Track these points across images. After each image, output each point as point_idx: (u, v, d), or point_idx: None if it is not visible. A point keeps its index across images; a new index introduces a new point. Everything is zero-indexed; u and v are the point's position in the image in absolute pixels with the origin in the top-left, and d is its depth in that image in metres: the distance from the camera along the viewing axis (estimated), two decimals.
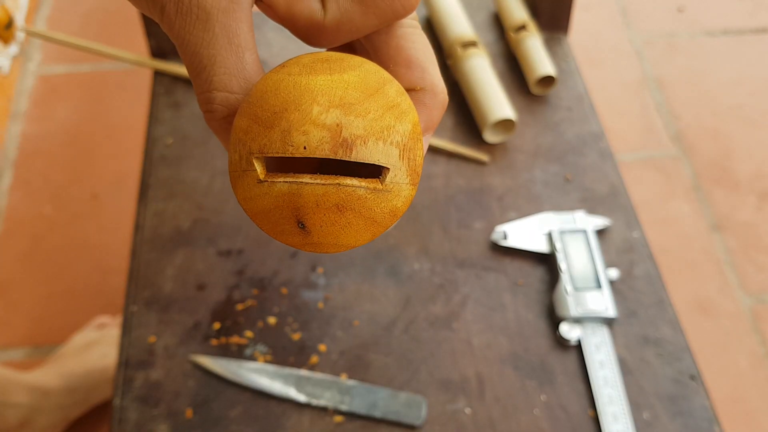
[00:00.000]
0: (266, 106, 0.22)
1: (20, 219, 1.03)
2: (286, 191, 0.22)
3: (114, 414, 0.48)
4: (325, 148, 0.21)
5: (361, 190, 0.22)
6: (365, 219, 0.23)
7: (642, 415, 0.48)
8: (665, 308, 0.53)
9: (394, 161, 0.22)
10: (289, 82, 0.22)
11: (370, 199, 0.22)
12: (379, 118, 0.22)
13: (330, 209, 0.22)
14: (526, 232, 0.55)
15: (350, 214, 0.22)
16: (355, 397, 0.48)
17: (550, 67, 0.63)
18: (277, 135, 0.22)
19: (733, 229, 1.03)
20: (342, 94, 0.22)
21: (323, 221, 0.22)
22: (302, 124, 0.22)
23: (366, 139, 0.22)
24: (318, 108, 0.22)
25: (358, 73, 0.23)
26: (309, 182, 0.22)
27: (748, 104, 1.17)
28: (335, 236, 0.23)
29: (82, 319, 0.91)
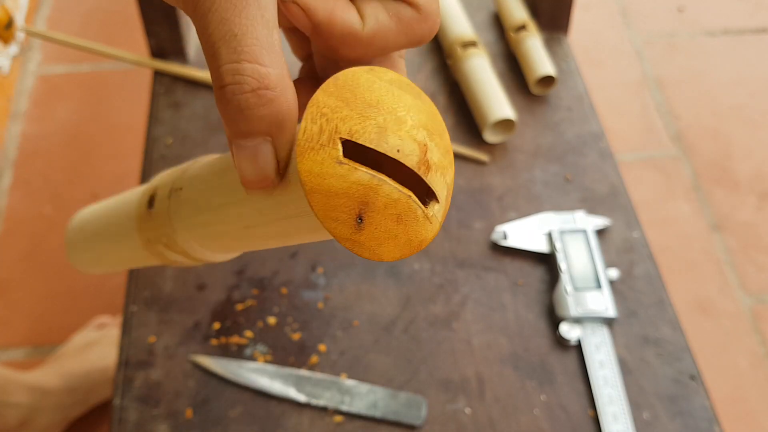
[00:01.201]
0: (360, 95, 0.23)
1: (20, 219, 1.03)
2: (365, 182, 0.22)
3: (114, 414, 0.48)
4: (413, 159, 0.23)
5: (420, 212, 0.23)
6: (407, 239, 0.23)
7: (642, 415, 0.48)
8: (665, 308, 0.53)
9: (443, 197, 0.24)
10: (383, 86, 0.24)
11: (420, 222, 0.24)
12: (444, 156, 0.24)
13: (392, 216, 0.23)
14: (526, 232, 0.55)
15: (402, 228, 0.23)
16: (355, 397, 0.48)
17: (550, 67, 0.63)
18: (372, 127, 0.22)
19: (733, 229, 1.03)
20: (425, 119, 0.24)
21: (380, 224, 0.23)
22: (399, 129, 0.23)
23: (437, 168, 0.24)
24: (411, 122, 0.23)
25: (430, 108, 0.25)
26: (389, 183, 0.22)
27: (748, 104, 1.17)
28: (379, 243, 0.23)
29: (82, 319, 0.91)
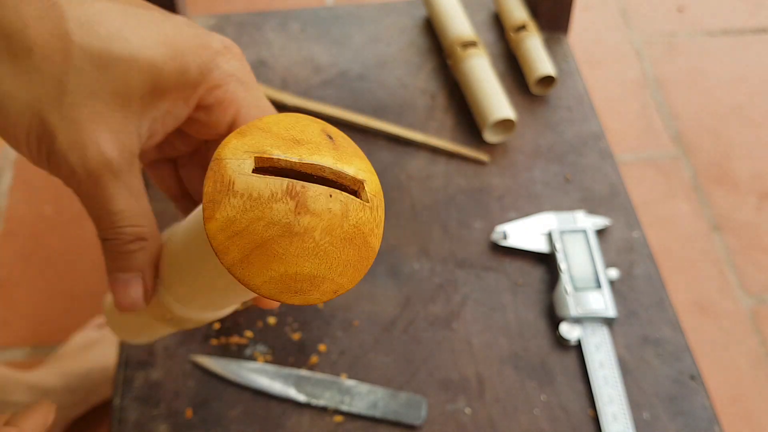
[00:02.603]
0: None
1: (20, 219, 1.03)
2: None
3: (114, 414, 0.48)
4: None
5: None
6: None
7: (642, 415, 0.48)
8: (665, 308, 0.53)
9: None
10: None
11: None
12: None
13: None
14: (526, 232, 0.55)
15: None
16: (355, 397, 0.48)
17: (550, 67, 0.63)
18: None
19: (733, 229, 1.03)
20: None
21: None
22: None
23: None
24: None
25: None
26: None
27: (748, 104, 1.17)
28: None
29: (82, 319, 0.91)
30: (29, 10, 0.26)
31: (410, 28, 0.71)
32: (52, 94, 0.27)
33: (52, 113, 0.27)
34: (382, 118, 0.63)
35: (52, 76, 0.27)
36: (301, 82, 0.66)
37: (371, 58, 0.68)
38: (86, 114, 0.27)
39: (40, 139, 0.27)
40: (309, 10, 0.73)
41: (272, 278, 0.23)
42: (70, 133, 0.27)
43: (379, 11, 0.73)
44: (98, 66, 0.27)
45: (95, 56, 0.27)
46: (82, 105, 0.27)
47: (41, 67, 0.27)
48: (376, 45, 0.69)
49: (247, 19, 0.71)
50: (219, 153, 0.23)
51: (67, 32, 0.26)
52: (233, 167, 0.23)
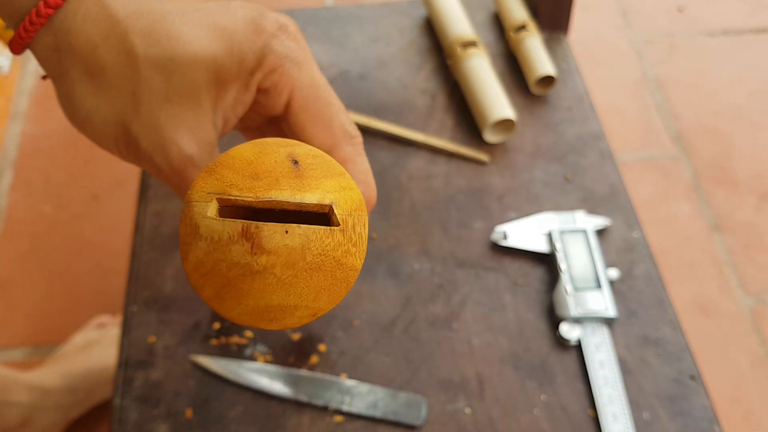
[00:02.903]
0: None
1: (20, 219, 1.03)
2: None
3: (114, 414, 0.48)
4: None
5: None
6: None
7: (642, 415, 0.48)
8: (665, 308, 0.53)
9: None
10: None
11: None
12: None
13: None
14: (526, 232, 0.55)
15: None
16: (355, 397, 0.48)
17: (550, 67, 0.63)
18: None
19: (733, 229, 1.03)
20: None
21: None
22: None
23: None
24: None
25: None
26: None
27: (748, 104, 1.17)
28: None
29: (82, 319, 0.91)
30: (96, 31, 0.28)
31: (410, 28, 0.71)
32: (130, 106, 0.29)
33: (133, 123, 0.29)
34: (382, 118, 0.63)
35: (126, 90, 0.29)
36: None
37: (371, 58, 0.68)
38: (162, 119, 0.30)
39: (127, 145, 0.30)
40: (309, 10, 0.73)
41: (245, 311, 0.24)
42: (151, 138, 0.30)
43: (379, 11, 0.73)
44: (165, 74, 0.29)
45: (160, 65, 0.29)
46: (157, 111, 0.29)
47: (115, 83, 0.29)
48: (376, 45, 0.69)
49: None
50: (189, 194, 0.25)
51: (132, 47, 0.28)
52: (198, 211, 0.24)
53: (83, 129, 0.30)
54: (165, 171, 0.31)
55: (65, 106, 0.30)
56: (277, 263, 0.23)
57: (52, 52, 0.29)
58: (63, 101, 0.30)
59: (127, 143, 0.30)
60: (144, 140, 0.30)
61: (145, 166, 0.31)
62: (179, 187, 0.31)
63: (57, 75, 0.30)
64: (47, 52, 0.29)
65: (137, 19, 0.29)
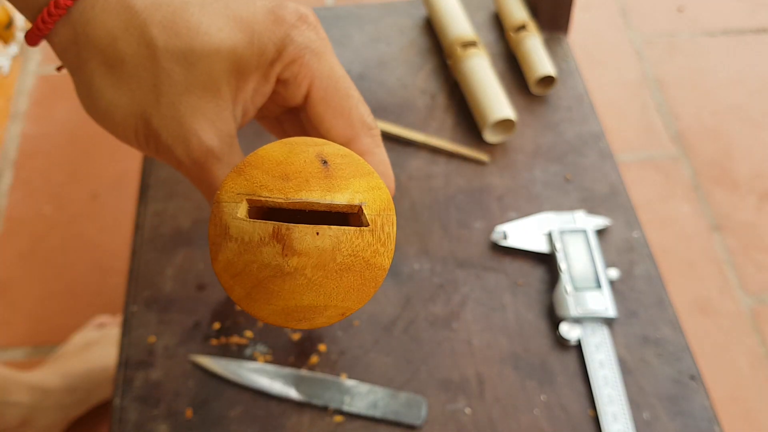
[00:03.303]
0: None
1: (20, 219, 1.03)
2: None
3: (114, 414, 0.48)
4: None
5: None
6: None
7: (642, 415, 0.48)
8: (665, 308, 0.53)
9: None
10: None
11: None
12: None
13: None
14: (526, 232, 0.55)
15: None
16: (355, 397, 0.48)
17: (550, 67, 0.63)
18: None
19: (733, 229, 1.03)
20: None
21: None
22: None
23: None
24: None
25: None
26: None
27: (748, 104, 1.17)
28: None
29: (82, 319, 0.91)
30: (115, 23, 0.28)
31: (410, 28, 0.71)
32: (150, 98, 0.29)
33: (153, 115, 0.29)
34: (382, 118, 0.63)
35: (146, 82, 0.29)
36: None
37: (371, 58, 0.68)
38: (183, 110, 0.29)
39: (147, 137, 0.30)
40: None
41: (275, 311, 0.24)
42: (171, 129, 0.30)
43: (379, 11, 0.73)
44: (185, 65, 0.29)
45: (180, 57, 0.29)
46: (177, 103, 0.29)
47: (135, 75, 0.29)
48: (376, 45, 0.69)
49: None
50: (218, 195, 0.24)
51: (152, 39, 0.28)
52: (228, 212, 0.24)
53: (103, 122, 0.30)
54: (185, 163, 0.30)
55: (84, 98, 0.30)
56: (307, 264, 0.23)
57: (71, 44, 0.29)
58: (81, 94, 0.30)
59: (147, 135, 0.30)
60: (165, 132, 0.30)
61: (165, 158, 0.31)
62: (199, 179, 0.31)
63: (75, 67, 0.29)
64: (65, 44, 0.29)
65: (156, 10, 0.28)
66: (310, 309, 0.24)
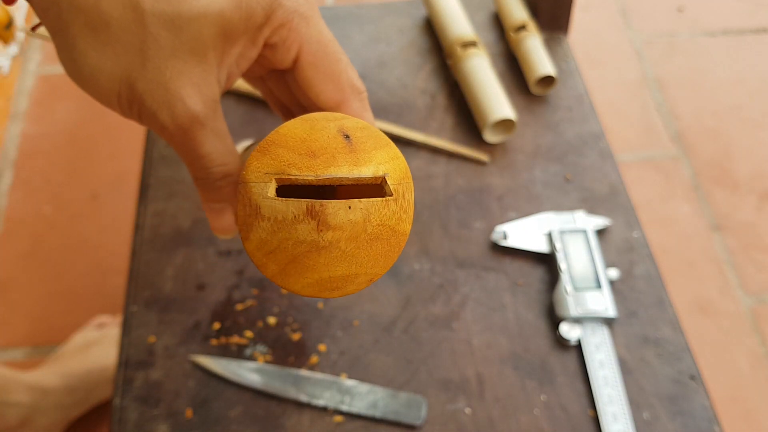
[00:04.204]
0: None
1: (20, 219, 1.03)
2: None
3: (114, 414, 0.48)
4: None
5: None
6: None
7: (642, 415, 0.48)
8: (665, 308, 0.53)
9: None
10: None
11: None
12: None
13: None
14: (526, 232, 0.55)
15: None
16: (355, 397, 0.48)
17: (550, 67, 0.63)
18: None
19: (733, 229, 1.03)
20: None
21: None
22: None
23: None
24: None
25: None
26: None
27: (748, 104, 1.17)
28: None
29: (82, 319, 0.91)
30: None
31: (410, 28, 0.71)
32: (135, 62, 0.29)
33: (138, 79, 0.29)
34: (382, 118, 0.63)
35: (132, 46, 0.28)
36: None
37: (371, 58, 0.68)
38: (168, 75, 0.29)
39: (131, 102, 0.30)
40: None
41: (309, 284, 0.25)
42: (156, 94, 0.29)
43: (379, 11, 0.73)
44: (172, 29, 0.28)
45: (168, 20, 0.28)
46: (163, 68, 0.29)
47: (120, 38, 0.28)
48: (376, 45, 0.69)
49: None
50: (244, 176, 0.25)
51: (138, 2, 0.28)
52: (258, 192, 0.24)
53: (85, 86, 0.30)
54: (169, 128, 0.30)
55: (66, 61, 0.29)
56: (342, 237, 0.24)
57: (51, 4, 0.28)
58: (63, 57, 0.29)
59: (131, 100, 0.30)
60: (149, 97, 0.29)
61: (148, 123, 0.31)
62: (183, 144, 0.31)
63: (57, 29, 0.29)
64: (46, 3, 0.28)
65: None
66: (342, 278, 0.25)
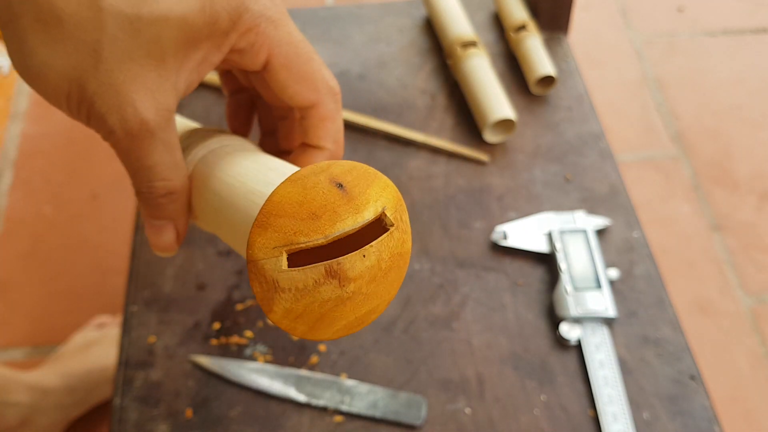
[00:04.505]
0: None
1: (20, 219, 1.03)
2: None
3: (114, 414, 0.48)
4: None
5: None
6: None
7: (642, 415, 0.48)
8: (665, 308, 0.53)
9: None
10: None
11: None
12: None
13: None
14: (526, 232, 0.55)
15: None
16: (355, 397, 0.48)
17: (550, 67, 0.63)
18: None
19: (733, 229, 1.03)
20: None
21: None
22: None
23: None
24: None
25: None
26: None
27: (748, 104, 1.17)
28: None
29: (82, 319, 0.91)
30: None
31: (410, 28, 0.71)
32: (88, 62, 0.27)
33: (89, 80, 0.27)
34: (382, 118, 0.63)
35: (85, 45, 0.27)
36: None
37: (371, 58, 0.68)
38: (122, 78, 0.28)
39: (80, 103, 0.28)
40: (309, 10, 0.73)
41: (338, 330, 0.26)
42: (107, 97, 0.28)
43: (379, 11, 0.73)
44: (131, 31, 0.27)
45: (126, 21, 0.27)
46: (117, 70, 0.27)
47: (74, 35, 0.27)
48: (376, 45, 0.69)
49: None
50: (251, 254, 0.25)
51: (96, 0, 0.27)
52: (271, 267, 0.24)
53: (34, 83, 0.28)
54: (117, 134, 0.29)
55: (14, 56, 0.28)
56: (362, 284, 0.24)
57: None
58: (12, 51, 0.28)
59: (80, 101, 0.28)
60: (99, 99, 0.28)
61: (96, 127, 0.29)
62: (128, 152, 0.29)
63: (6, 21, 0.27)
64: None
65: None
66: (367, 314, 0.26)
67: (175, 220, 0.33)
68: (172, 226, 0.33)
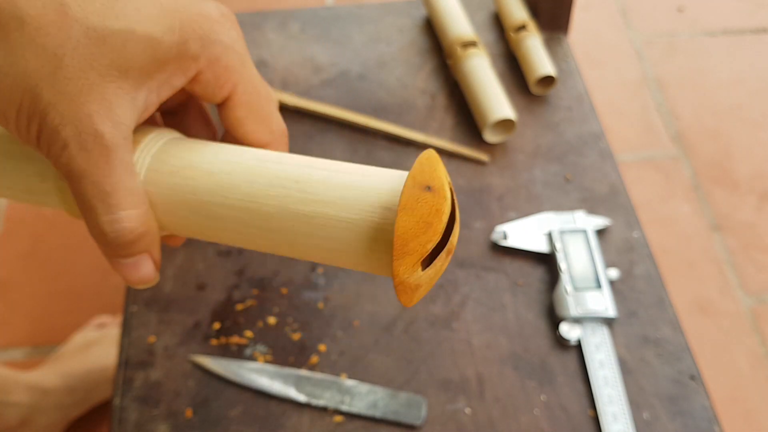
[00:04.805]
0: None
1: (20, 219, 1.03)
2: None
3: (114, 414, 0.48)
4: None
5: None
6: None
7: (642, 415, 0.48)
8: (665, 308, 0.53)
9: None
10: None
11: None
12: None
13: None
14: (526, 232, 0.55)
15: None
16: (355, 397, 0.48)
17: (550, 67, 0.63)
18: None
19: (733, 229, 1.03)
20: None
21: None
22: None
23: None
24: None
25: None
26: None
27: (748, 104, 1.17)
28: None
29: (82, 319, 0.91)
30: None
31: (410, 28, 0.71)
32: (47, 68, 0.26)
33: (45, 88, 0.26)
34: (382, 118, 0.63)
35: (46, 50, 0.26)
36: (301, 82, 0.66)
37: (371, 58, 0.68)
38: (80, 86, 0.26)
39: (30, 116, 0.27)
40: (309, 10, 0.73)
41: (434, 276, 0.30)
42: (63, 107, 0.26)
43: (379, 11, 0.73)
44: (96, 38, 0.26)
45: (92, 29, 0.26)
46: (76, 78, 0.26)
47: (35, 40, 0.25)
48: (376, 45, 0.69)
49: (247, 19, 0.71)
50: (399, 280, 0.28)
51: (63, 4, 0.26)
52: (415, 278, 0.28)
53: None
54: (70, 149, 0.26)
55: None
56: (455, 244, 0.29)
57: None
58: None
59: (31, 114, 0.26)
60: (53, 110, 0.26)
61: (47, 143, 0.27)
62: (82, 175, 0.27)
63: None
64: None
65: None
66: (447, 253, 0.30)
67: (149, 250, 0.30)
68: (147, 256, 0.30)
